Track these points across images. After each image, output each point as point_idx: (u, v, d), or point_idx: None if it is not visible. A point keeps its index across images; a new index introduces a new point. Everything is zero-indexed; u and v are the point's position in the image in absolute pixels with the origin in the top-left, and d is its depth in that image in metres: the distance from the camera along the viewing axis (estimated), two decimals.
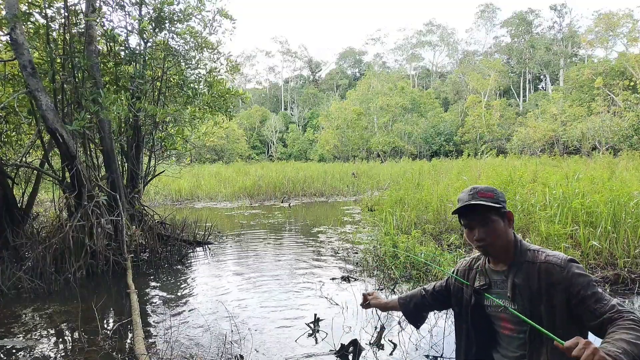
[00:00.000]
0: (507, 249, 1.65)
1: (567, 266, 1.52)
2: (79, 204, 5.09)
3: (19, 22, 4.49)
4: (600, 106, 28.99)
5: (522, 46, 50.86)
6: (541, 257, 1.59)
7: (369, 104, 41.66)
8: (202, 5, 6.47)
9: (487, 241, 1.63)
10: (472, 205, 1.62)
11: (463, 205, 1.64)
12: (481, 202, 1.60)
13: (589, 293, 1.45)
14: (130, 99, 5.86)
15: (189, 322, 3.52)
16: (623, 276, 3.97)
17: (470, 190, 1.67)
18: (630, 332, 1.29)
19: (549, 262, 1.55)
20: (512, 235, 1.67)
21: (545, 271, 1.54)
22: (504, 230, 1.63)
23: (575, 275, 1.49)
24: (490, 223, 1.62)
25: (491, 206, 1.60)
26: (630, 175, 8.36)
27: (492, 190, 1.66)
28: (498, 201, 1.62)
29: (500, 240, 1.63)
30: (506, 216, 1.65)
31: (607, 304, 1.41)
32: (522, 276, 1.59)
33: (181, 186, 14.43)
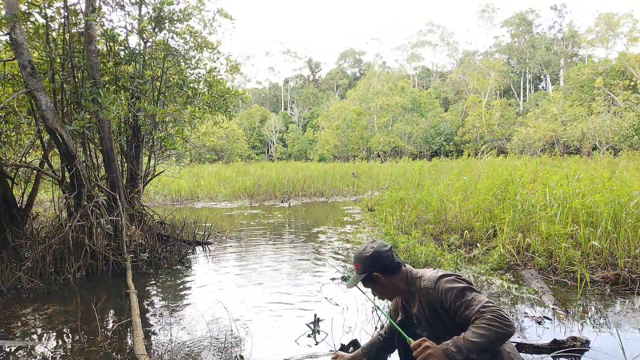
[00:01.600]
0: (400, 291, 1.95)
1: (437, 285, 1.76)
2: (79, 204, 5.09)
3: (18, 21, 4.49)
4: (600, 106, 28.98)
5: (522, 46, 50.84)
6: (420, 284, 1.86)
7: (369, 104, 41.64)
8: (201, 5, 6.47)
9: (382, 297, 2.07)
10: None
11: (348, 287, 2.05)
12: (351, 282, 2.00)
13: (458, 303, 1.70)
14: (130, 98, 5.86)
15: (189, 322, 3.51)
16: (623, 276, 3.96)
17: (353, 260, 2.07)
18: (472, 328, 1.60)
19: (423, 288, 1.83)
20: (397, 278, 1.93)
21: (425, 297, 1.81)
22: (380, 286, 1.96)
23: (444, 291, 1.74)
24: (373, 286, 2.00)
25: (359, 281, 1.99)
26: (630, 175, 8.35)
27: (358, 260, 1.99)
28: (363, 270, 1.94)
29: (389, 291, 1.99)
30: (374, 277, 1.94)
31: (474, 309, 1.66)
32: (416, 306, 1.88)
33: (181, 186, 14.42)
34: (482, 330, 1.57)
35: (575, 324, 3.20)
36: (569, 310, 3.41)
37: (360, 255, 1.97)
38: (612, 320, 3.23)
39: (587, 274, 3.98)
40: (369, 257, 1.94)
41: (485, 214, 5.80)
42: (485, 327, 1.57)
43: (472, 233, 5.73)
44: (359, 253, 1.98)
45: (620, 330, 3.03)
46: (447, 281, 1.75)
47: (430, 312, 1.78)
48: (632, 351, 2.56)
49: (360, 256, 1.97)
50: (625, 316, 3.31)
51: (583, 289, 3.85)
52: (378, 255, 1.94)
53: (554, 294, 3.75)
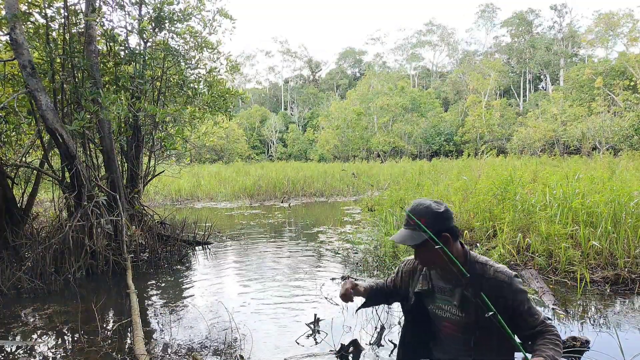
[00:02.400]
0: (450, 264, 1.66)
1: (513, 282, 1.68)
2: (79, 204, 5.09)
3: (18, 21, 4.49)
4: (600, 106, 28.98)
5: (522, 46, 50.84)
6: (489, 271, 1.71)
7: (369, 104, 41.64)
8: (202, 5, 6.47)
9: (428, 264, 1.78)
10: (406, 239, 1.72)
11: (398, 240, 1.73)
12: (412, 239, 1.68)
13: (526, 308, 1.66)
14: (130, 98, 5.86)
15: (189, 322, 3.52)
16: (623, 276, 3.96)
17: (408, 211, 1.71)
18: (556, 348, 1.58)
19: (497, 279, 1.69)
20: (457, 250, 1.73)
21: (494, 286, 1.67)
22: (437, 253, 1.64)
23: (517, 291, 1.67)
24: (428, 250, 1.67)
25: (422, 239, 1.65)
26: (630, 175, 8.35)
27: (425, 214, 1.66)
28: (432, 227, 1.62)
29: (442, 260, 1.67)
30: (440, 237, 1.64)
31: (538, 319, 1.65)
32: (471, 289, 1.67)
33: (181, 186, 14.42)
34: (558, 349, 1.57)
35: (575, 323, 3.20)
36: (568, 310, 3.41)
37: (428, 209, 1.67)
38: (612, 320, 3.23)
39: (587, 274, 3.98)
40: (441, 214, 1.67)
41: (485, 214, 5.80)
42: (559, 346, 1.58)
43: (472, 233, 5.73)
44: (426, 207, 1.68)
45: (620, 330, 3.03)
46: (520, 283, 1.70)
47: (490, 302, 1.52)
48: (632, 351, 2.56)
49: (428, 210, 1.66)
50: (625, 316, 3.31)
51: (583, 289, 3.85)
52: (449, 215, 1.69)
53: (554, 294, 3.75)
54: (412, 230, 1.68)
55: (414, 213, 1.67)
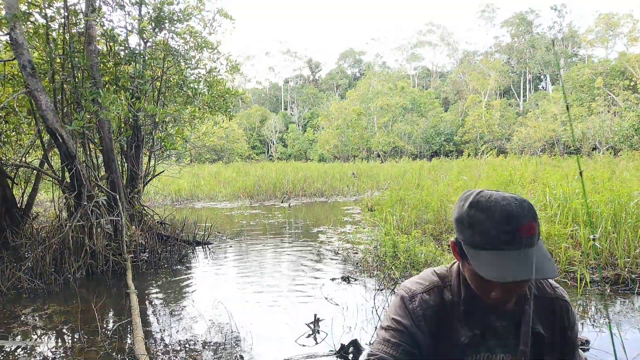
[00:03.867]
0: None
1: (570, 306, 1.14)
2: (79, 204, 5.09)
3: (18, 21, 4.49)
4: (600, 106, 28.99)
5: (522, 46, 50.85)
6: (549, 290, 1.11)
7: (369, 104, 41.64)
8: (202, 5, 6.47)
9: (511, 300, 1.00)
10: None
11: (518, 279, 0.89)
12: (546, 273, 0.88)
13: (575, 343, 1.14)
14: (130, 98, 5.86)
15: (189, 322, 3.51)
16: (623, 276, 3.96)
17: (506, 220, 0.89)
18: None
19: (561, 298, 1.10)
20: None
21: (560, 309, 1.10)
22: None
23: (573, 317, 1.13)
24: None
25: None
26: (630, 175, 8.35)
27: (534, 215, 0.92)
28: (539, 235, 0.95)
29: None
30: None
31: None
32: (538, 320, 1.05)
33: (181, 186, 14.42)
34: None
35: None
36: None
37: (527, 205, 0.91)
38: (612, 320, 3.23)
39: (587, 274, 3.98)
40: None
41: None
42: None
43: None
44: (524, 201, 0.92)
45: (620, 329, 3.03)
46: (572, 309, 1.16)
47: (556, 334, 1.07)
48: (633, 351, 2.56)
49: (529, 206, 0.92)
50: (625, 316, 3.31)
51: (583, 289, 3.85)
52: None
53: None
54: (531, 248, 0.90)
55: (521, 219, 0.89)
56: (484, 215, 0.90)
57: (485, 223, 0.89)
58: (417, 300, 1.06)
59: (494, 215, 0.89)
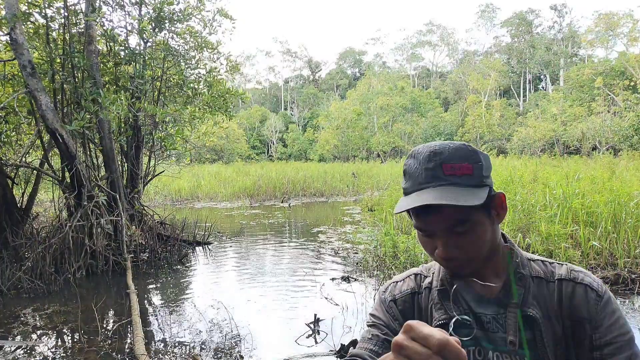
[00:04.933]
0: (495, 260, 0.87)
1: (605, 296, 0.84)
2: (79, 204, 5.09)
3: (18, 22, 4.49)
4: (600, 106, 29.00)
5: (522, 46, 50.87)
6: (561, 270, 0.87)
7: (369, 104, 41.65)
8: (202, 5, 6.47)
9: (460, 258, 0.82)
10: (436, 206, 0.77)
11: (421, 203, 0.76)
12: (451, 200, 0.74)
13: (626, 354, 0.79)
14: (130, 98, 5.86)
15: (189, 322, 3.52)
16: (623, 276, 3.96)
17: (429, 158, 0.80)
18: None
19: (580, 282, 0.84)
20: (500, 235, 0.88)
21: (573, 294, 0.84)
22: (491, 230, 0.82)
23: (611, 314, 0.83)
24: (468, 227, 0.79)
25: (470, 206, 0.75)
26: (630, 175, 8.35)
27: (469, 158, 0.80)
28: (480, 180, 0.79)
29: (484, 250, 0.82)
30: (494, 203, 0.83)
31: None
32: (536, 305, 0.84)
33: (181, 186, 14.42)
34: None
35: None
36: None
37: (470, 149, 0.81)
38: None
39: None
40: (487, 157, 0.83)
41: None
42: None
43: None
44: (462, 146, 0.81)
45: None
46: (617, 304, 0.86)
47: (565, 325, 0.83)
48: None
49: (472, 151, 0.81)
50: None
51: None
52: (490, 163, 0.86)
53: None
54: (454, 186, 0.78)
55: (445, 155, 0.79)
56: (413, 159, 0.83)
57: (413, 166, 0.82)
58: (389, 289, 0.99)
59: (420, 157, 0.81)
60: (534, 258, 0.92)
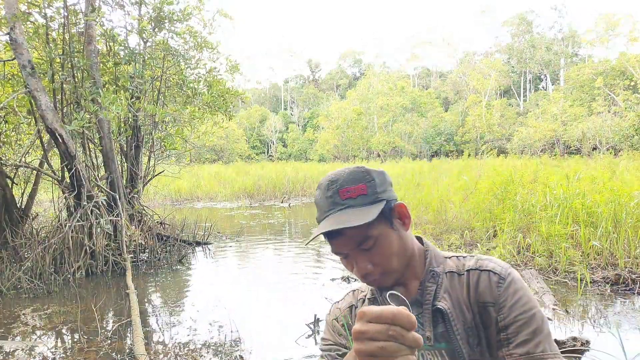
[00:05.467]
0: (412, 265, 0.93)
1: (508, 278, 0.87)
2: (78, 204, 5.09)
3: (18, 21, 4.48)
4: (600, 106, 28.98)
5: (522, 46, 50.85)
6: (470, 262, 0.93)
7: (369, 104, 41.64)
8: (201, 5, 6.47)
9: (375, 271, 0.88)
10: (336, 230, 0.85)
11: (321, 231, 0.87)
12: (348, 222, 0.82)
13: (528, 330, 0.81)
14: (130, 98, 5.85)
15: (189, 323, 3.51)
16: (624, 276, 3.96)
17: (327, 187, 0.88)
18: None
19: (483, 269, 0.89)
20: (411, 239, 0.95)
21: (477, 281, 0.89)
22: (398, 239, 0.89)
23: (513, 294, 0.85)
24: (372, 242, 0.86)
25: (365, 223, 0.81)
26: (631, 175, 8.34)
27: (362, 179, 0.87)
28: (375, 197, 0.86)
29: (398, 258, 0.89)
30: (395, 213, 0.90)
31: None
32: (447, 298, 0.89)
33: (181, 186, 14.42)
34: None
35: (576, 324, 3.19)
36: (569, 311, 3.41)
37: (362, 170, 0.89)
38: (613, 320, 3.23)
39: (587, 274, 3.97)
40: (384, 174, 0.91)
41: (486, 214, 5.79)
42: None
43: (473, 233, 5.72)
44: (356, 169, 0.89)
45: (620, 330, 3.02)
46: (522, 284, 0.87)
47: (475, 312, 0.88)
48: (633, 351, 2.55)
49: (364, 171, 0.88)
50: (626, 316, 3.30)
51: (583, 289, 3.84)
52: (387, 177, 0.93)
53: (554, 294, 3.74)
54: (350, 208, 0.85)
55: (340, 181, 0.87)
56: (318, 191, 0.91)
57: (318, 197, 0.91)
58: (332, 311, 1.06)
59: (322, 187, 0.90)
60: (449, 255, 0.99)
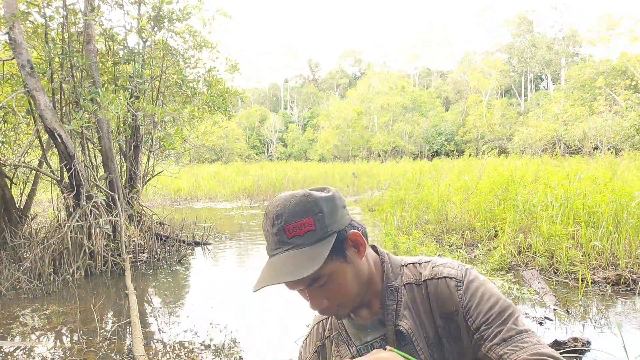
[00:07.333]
0: (371, 285, 0.88)
1: (465, 280, 0.84)
2: (78, 204, 5.07)
3: (17, 21, 4.47)
4: (601, 106, 28.94)
5: (523, 45, 50.80)
6: (426, 270, 0.89)
7: (370, 104, 41.62)
8: (201, 4, 6.45)
9: (331, 306, 0.85)
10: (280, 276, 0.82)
11: (265, 285, 0.84)
12: (286, 276, 0.80)
13: (497, 325, 0.78)
14: (129, 98, 5.84)
15: (188, 323, 3.50)
16: (625, 277, 3.94)
17: (273, 222, 0.80)
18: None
19: (440, 276, 0.86)
20: (367, 260, 0.87)
21: (436, 291, 0.85)
22: (352, 271, 0.83)
23: (474, 292, 0.82)
24: (324, 280, 0.81)
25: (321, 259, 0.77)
26: (632, 175, 8.32)
27: (309, 211, 0.79)
28: (324, 231, 0.79)
29: (354, 288, 0.84)
30: (348, 244, 0.83)
31: (525, 349, 0.74)
32: (408, 315, 0.85)
33: (180, 186, 14.41)
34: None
35: (577, 324, 3.18)
36: (570, 311, 3.39)
37: (308, 199, 0.80)
38: (614, 320, 3.21)
39: (588, 275, 3.96)
40: (333, 199, 0.82)
41: (486, 214, 5.78)
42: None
43: (473, 233, 5.70)
44: (302, 198, 0.80)
45: (621, 330, 3.01)
46: (480, 280, 0.85)
47: (441, 325, 0.84)
48: (634, 351, 2.53)
49: (310, 201, 0.79)
50: (627, 316, 3.28)
51: (584, 290, 3.83)
52: (343, 201, 0.86)
53: (555, 294, 3.73)
54: (297, 248, 0.79)
55: (286, 216, 0.79)
56: (265, 219, 0.83)
57: (265, 229, 0.83)
58: (302, 353, 1.03)
59: (267, 219, 0.82)
60: (407, 262, 0.93)
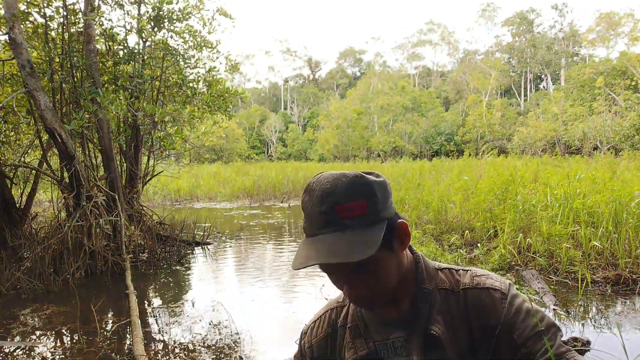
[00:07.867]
0: (404, 281, 0.84)
1: (509, 293, 0.81)
2: (78, 204, 5.07)
3: (17, 21, 4.47)
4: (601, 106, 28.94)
5: (523, 45, 50.80)
6: (465, 279, 0.85)
7: (370, 104, 41.63)
8: (201, 4, 6.45)
9: (368, 296, 0.81)
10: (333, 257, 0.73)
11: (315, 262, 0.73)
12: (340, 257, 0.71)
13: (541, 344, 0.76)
14: (129, 98, 5.84)
15: (188, 323, 3.50)
16: (624, 277, 3.94)
17: (321, 200, 0.75)
18: None
19: (483, 287, 0.83)
20: (406, 257, 0.85)
21: (478, 302, 0.82)
22: (393, 265, 0.81)
23: (519, 308, 0.80)
24: (370, 267, 0.77)
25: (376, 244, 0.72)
26: (631, 175, 8.32)
27: (363, 194, 0.75)
28: (376, 216, 0.75)
29: (392, 280, 0.81)
30: (396, 233, 0.80)
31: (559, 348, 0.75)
32: (441, 320, 0.82)
33: (180, 186, 14.41)
34: None
35: (576, 324, 3.18)
36: (569, 311, 3.39)
37: (363, 181, 0.76)
38: (614, 320, 3.21)
39: (588, 275, 3.96)
40: (385, 184, 0.79)
41: (486, 214, 5.78)
42: None
43: (473, 233, 5.71)
44: (355, 178, 0.76)
45: (621, 330, 3.01)
46: (522, 296, 0.83)
47: (475, 336, 0.81)
48: (634, 351, 2.54)
49: (365, 183, 0.76)
50: (627, 316, 3.29)
51: (584, 290, 3.83)
52: (389, 187, 0.81)
53: (555, 294, 3.73)
54: (349, 230, 0.74)
55: (337, 196, 0.74)
56: (307, 196, 0.77)
57: (309, 206, 0.77)
58: (307, 334, 0.98)
59: (313, 196, 0.76)
60: (442, 267, 0.90)
